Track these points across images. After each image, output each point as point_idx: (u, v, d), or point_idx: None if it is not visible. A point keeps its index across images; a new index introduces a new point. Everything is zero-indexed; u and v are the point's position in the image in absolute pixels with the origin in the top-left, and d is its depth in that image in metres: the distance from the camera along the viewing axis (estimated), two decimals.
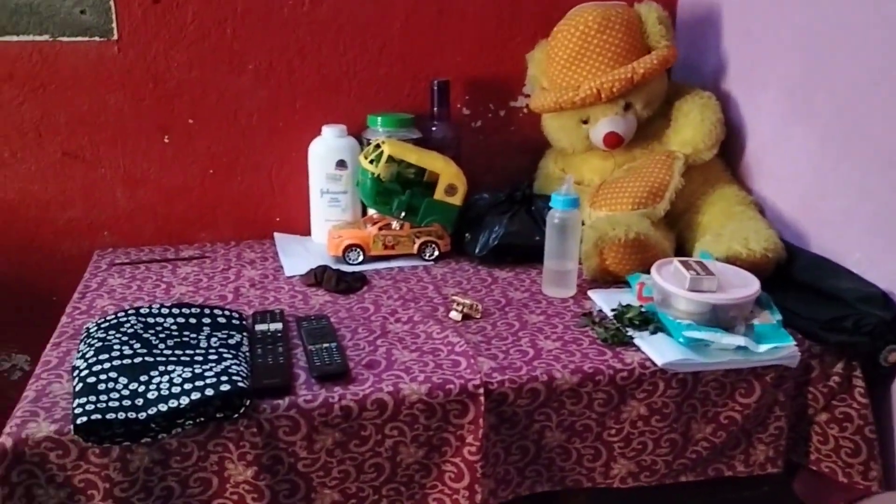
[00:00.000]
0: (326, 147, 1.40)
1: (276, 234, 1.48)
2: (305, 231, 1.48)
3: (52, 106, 1.33)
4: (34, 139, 1.33)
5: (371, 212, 1.43)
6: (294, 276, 1.29)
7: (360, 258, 1.34)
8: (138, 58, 1.34)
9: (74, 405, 0.84)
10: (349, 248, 1.34)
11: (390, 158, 1.30)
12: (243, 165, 1.45)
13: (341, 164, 1.40)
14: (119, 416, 0.83)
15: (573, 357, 1.00)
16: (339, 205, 1.43)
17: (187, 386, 0.87)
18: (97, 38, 1.32)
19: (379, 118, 1.41)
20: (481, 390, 0.93)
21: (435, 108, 1.45)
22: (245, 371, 0.92)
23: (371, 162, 1.30)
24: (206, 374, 0.89)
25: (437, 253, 1.37)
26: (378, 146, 1.32)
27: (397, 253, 1.36)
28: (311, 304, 1.18)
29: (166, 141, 1.40)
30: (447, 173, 1.34)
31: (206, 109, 1.40)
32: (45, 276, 1.39)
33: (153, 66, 1.35)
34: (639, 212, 1.25)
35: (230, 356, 0.94)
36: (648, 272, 1.11)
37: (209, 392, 0.86)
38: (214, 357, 0.94)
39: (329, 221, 1.42)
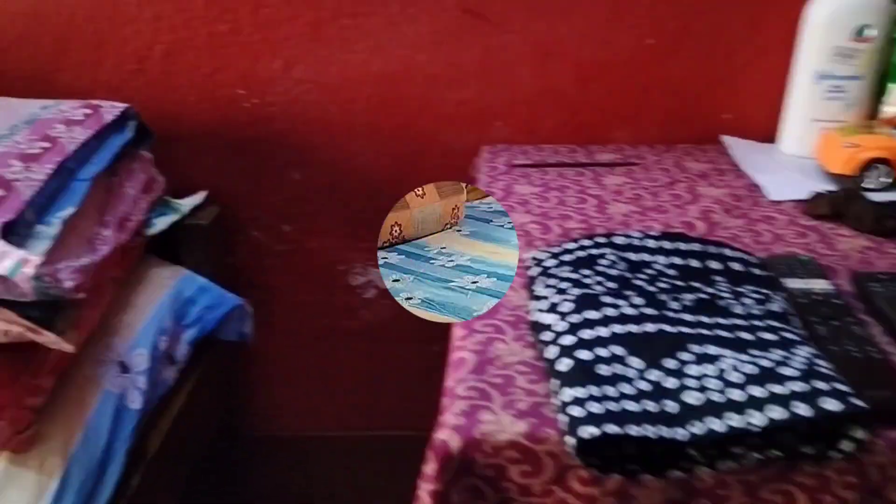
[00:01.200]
0: (838, 5, 0.91)
1: (724, 138, 1.03)
2: (765, 136, 1.01)
3: None
4: None
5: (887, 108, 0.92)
6: (784, 202, 0.84)
7: (890, 180, 0.85)
8: None
9: (568, 400, 0.48)
10: (871, 163, 0.85)
11: None
12: (697, 34, 1.00)
13: (862, 32, 0.90)
14: (647, 433, 0.46)
15: None
16: (843, 97, 0.93)
17: (756, 391, 0.47)
18: None
19: None
20: None
21: None
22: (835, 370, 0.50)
23: None
24: (782, 370, 0.49)
25: None
26: None
27: None
28: (838, 249, 0.73)
29: None
30: None
31: None
32: (418, 173, 1.07)
33: None
34: None
35: (795, 337, 0.53)
36: None
37: (799, 409, 0.45)
38: (772, 337, 0.53)
39: (818, 122, 0.94)
